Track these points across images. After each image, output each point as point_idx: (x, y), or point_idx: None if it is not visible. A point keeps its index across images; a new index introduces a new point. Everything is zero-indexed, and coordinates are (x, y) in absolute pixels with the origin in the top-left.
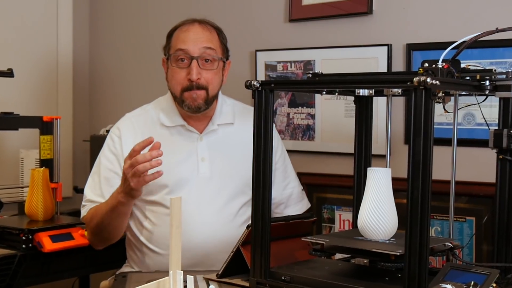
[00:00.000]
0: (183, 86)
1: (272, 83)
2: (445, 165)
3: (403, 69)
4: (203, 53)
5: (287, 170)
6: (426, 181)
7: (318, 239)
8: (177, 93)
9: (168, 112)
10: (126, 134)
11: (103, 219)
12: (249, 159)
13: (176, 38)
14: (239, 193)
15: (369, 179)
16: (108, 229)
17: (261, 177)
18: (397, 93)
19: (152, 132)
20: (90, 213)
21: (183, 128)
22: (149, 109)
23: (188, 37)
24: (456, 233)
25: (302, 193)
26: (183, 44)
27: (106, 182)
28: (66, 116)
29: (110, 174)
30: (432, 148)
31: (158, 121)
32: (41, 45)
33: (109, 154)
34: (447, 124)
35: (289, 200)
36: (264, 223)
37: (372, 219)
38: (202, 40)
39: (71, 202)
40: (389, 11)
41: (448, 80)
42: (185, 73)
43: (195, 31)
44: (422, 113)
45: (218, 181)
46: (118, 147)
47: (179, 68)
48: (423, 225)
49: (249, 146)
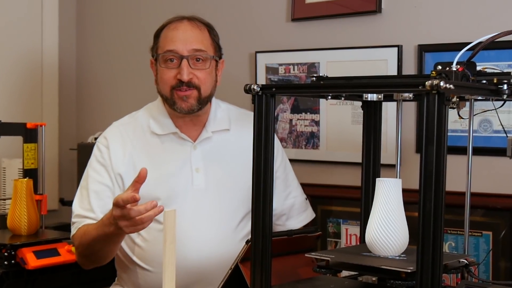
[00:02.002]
0: (172, 84)
1: (274, 87)
2: (460, 176)
3: (414, 72)
4: (194, 53)
5: (288, 178)
6: (439, 192)
7: (323, 255)
8: (167, 93)
9: (159, 119)
10: (114, 144)
11: (93, 243)
12: (248, 168)
13: (164, 37)
14: (238, 205)
15: (377, 190)
16: (99, 254)
17: (261, 189)
18: (408, 98)
19: (142, 140)
20: (80, 233)
21: (176, 136)
22: (138, 116)
23: (177, 36)
24: (472, 249)
25: (306, 202)
26: (172, 45)
27: (95, 195)
28: (51, 123)
29: (99, 187)
30: (445, 157)
31: (148, 129)
32: (24, 46)
33: (97, 166)
34: (461, 132)
35: (291, 211)
36: (265, 238)
37: (381, 233)
38: (191, 40)
39: (57, 215)
40: (399, 10)
41: (463, 83)
42: (175, 73)
43: (184, 29)
44: (435, 120)
45: (214, 193)
46: (107, 157)
47: (168, 69)
48: (436, 240)
49: (247, 154)
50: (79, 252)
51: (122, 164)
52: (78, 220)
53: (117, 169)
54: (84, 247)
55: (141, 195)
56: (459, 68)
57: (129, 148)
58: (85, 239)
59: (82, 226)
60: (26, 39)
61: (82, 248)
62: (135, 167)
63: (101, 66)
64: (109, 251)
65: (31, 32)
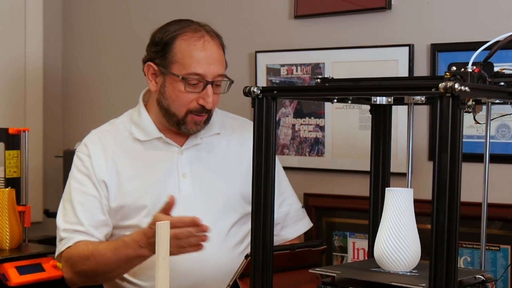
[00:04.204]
0: (189, 108)
1: (275, 90)
2: (476, 185)
3: (426, 74)
4: (217, 77)
5: (282, 184)
6: (453, 203)
7: (328, 271)
8: (180, 114)
9: (142, 125)
10: (96, 151)
11: (106, 265)
12: (238, 172)
13: (189, 56)
14: (228, 210)
15: (387, 201)
16: (108, 276)
17: (261, 199)
18: (420, 101)
19: (124, 148)
20: (78, 251)
21: (160, 141)
22: (118, 123)
23: (205, 59)
24: (489, 264)
25: (302, 210)
26: (199, 68)
27: (81, 207)
28: (35, 128)
29: (84, 197)
30: (460, 165)
31: (130, 136)
32: (7, 48)
33: (80, 176)
34: (478, 138)
35: (286, 219)
36: (266, 253)
37: (391, 247)
38: (217, 64)
39: (41, 228)
40: (410, 6)
41: (479, 86)
42: (196, 96)
43: (210, 49)
44: (449, 125)
45: (202, 199)
46: (89, 165)
47: (189, 92)
48: (450, 254)
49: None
50: (76, 272)
51: (105, 172)
52: (67, 236)
53: (101, 177)
54: (88, 266)
55: (127, 205)
56: (475, 69)
57: (111, 155)
58: (92, 258)
59: (79, 244)
60: (8, 41)
61: (84, 267)
62: (118, 175)
63: (88, 68)
64: (122, 273)
65: (14, 33)
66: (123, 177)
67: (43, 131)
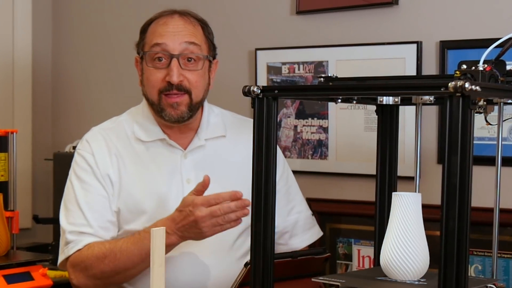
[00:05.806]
0: (160, 88)
1: (276, 89)
2: (487, 190)
3: (435, 72)
4: (185, 50)
5: (291, 191)
6: (464, 208)
7: (332, 280)
8: (154, 98)
9: (144, 124)
10: (98, 149)
11: (127, 261)
12: (245, 179)
13: (152, 32)
14: None
15: (394, 206)
16: (129, 273)
17: (262, 204)
18: (429, 101)
19: (127, 147)
20: (96, 252)
21: (163, 143)
22: (121, 121)
23: (166, 30)
24: (501, 273)
25: (312, 218)
26: (160, 38)
27: (88, 207)
28: (24, 130)
29: (90, 197)
30: (471, 169)
31: (132, 135)
32: None
33: (83, 174)
34: (489, 139)
35: (295, 228)
36: (266, 260)
37: (398, 255)
38: (183, 34)
39: (30, 235)
40: (418, 1)
41: (491, 85)
42: (163, 74)
43: (174, 24)
44: (459, 126)
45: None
46: (93, 163)
47: (156, 69)
48: (460, 262)
49: (244, 162)
50: (90, 275)
51: (110, 167)
52: (75, 239)
53: (106, 171)
54: (107, 265)
55: (127, 208)
56: (486, 68)
57: (114, 153)
58: (112, 257)
59: (92, 244)
60: None
61: (103, 267)
62: (121, 175)
63: (79, 68)
64: (144, 268)
65: (1, 30)
66: (124, 177)
67: (32, 132)
